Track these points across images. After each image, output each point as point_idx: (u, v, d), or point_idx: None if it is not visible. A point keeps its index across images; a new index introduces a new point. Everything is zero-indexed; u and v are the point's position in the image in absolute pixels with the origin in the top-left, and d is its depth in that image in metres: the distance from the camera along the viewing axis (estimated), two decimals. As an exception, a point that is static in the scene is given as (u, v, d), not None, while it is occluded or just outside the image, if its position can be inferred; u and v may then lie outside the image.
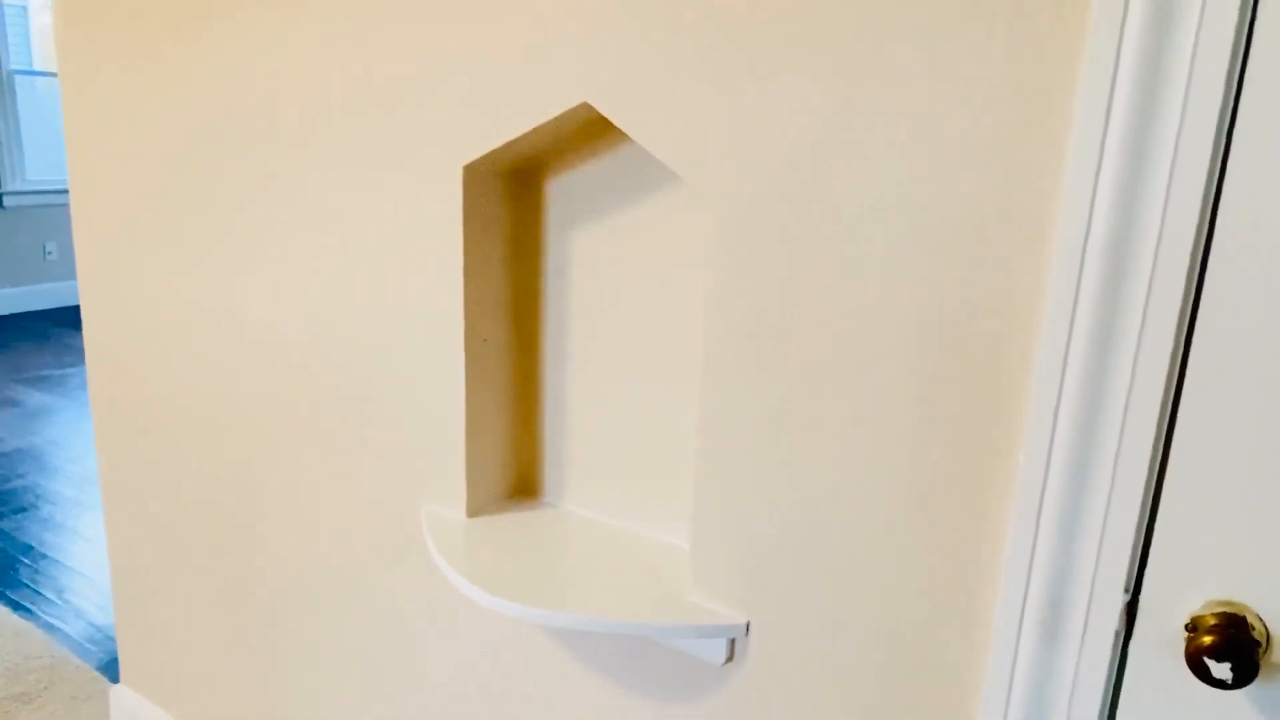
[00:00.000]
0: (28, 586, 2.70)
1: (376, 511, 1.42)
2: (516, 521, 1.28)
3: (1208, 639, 0.75)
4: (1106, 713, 0.84)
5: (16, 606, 2.58)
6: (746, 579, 1.04)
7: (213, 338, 1.59)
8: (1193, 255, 0.73)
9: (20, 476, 3.48)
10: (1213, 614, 0.76)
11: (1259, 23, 0.69)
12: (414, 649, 1.43)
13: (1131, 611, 0.81)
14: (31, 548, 2.93)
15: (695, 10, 0.95)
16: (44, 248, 6.18)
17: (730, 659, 1.08)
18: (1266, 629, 0.75)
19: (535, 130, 1.11)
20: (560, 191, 1.23)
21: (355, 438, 1.41)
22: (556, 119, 1.09)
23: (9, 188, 5.92)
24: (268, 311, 1.48)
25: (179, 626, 1.86)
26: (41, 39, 6.23)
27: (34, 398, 4.38)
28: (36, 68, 6.19)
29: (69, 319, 5.99)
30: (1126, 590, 0.81)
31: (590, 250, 1.22)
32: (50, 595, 2.65)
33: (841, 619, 0.98)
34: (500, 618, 1.30)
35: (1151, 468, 0.78)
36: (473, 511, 1.30)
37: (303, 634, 1.61)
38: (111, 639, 2.45)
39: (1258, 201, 0.71)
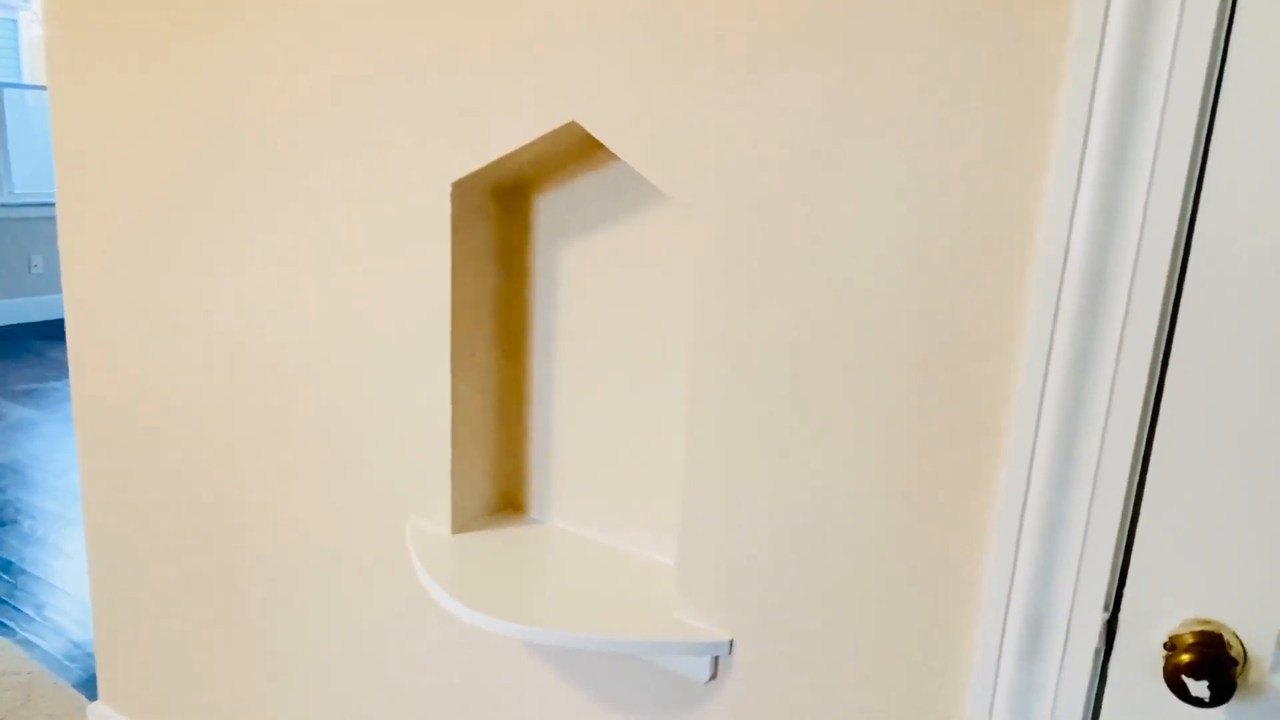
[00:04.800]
0: (5, 602, 2.67)
1: (362, 527, 1.41)
2: (502, 537, 1.28)
3: (1186, 657, 0.75)
4: (1087, 731, 0.84)
5: (-6, 622, 2.55)
6: (731, 597, 1.04)
7: (199, 352, 1.58)
8: (1169, 278, 0.74)
9: (1, 491, 3.44)
10: (1191, 632, 0.77)
11: (1232, 48, 0.70)
12: (399, 664, 1.42)
13: (1111, 629, 0.82)
14: (11, 563, 2.90)
15: (682, 30, 0.97)
16: (29, 261, 6.15)
17: (714, 677, 1.08)
18: (1243, 648, 0.76)
19: (523, 148, 1.12)
20: (549, 208, 1.24)
21: (341, 453, 1.41)
22: (544, 137, 1.10)
23: (-5, 200, 5.90)
24: (255, 327, 1.48)
25: (159, 643, 1.84)
26: (30, 53, 6.23)
27: (16, 411, 4.35)
28: (25, 81, 6.18)
29: (53, 332, 5.95)
30: (1106, 608, 0.81)
31: (578, 266, 1.22)
32: (29, 611, 2.62)
33: (825, 638, 0.99)
34: (484, 633, 1.30)
35: (1130, 487, 0.79)
36: (458, 527, 1.29)
37: (286, 649, 1.60)
38: (90, 656, 2.42)
39: (1232, 224, 0.72)
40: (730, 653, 1.06)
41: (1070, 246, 0.77)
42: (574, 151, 1.20)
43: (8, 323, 6.11)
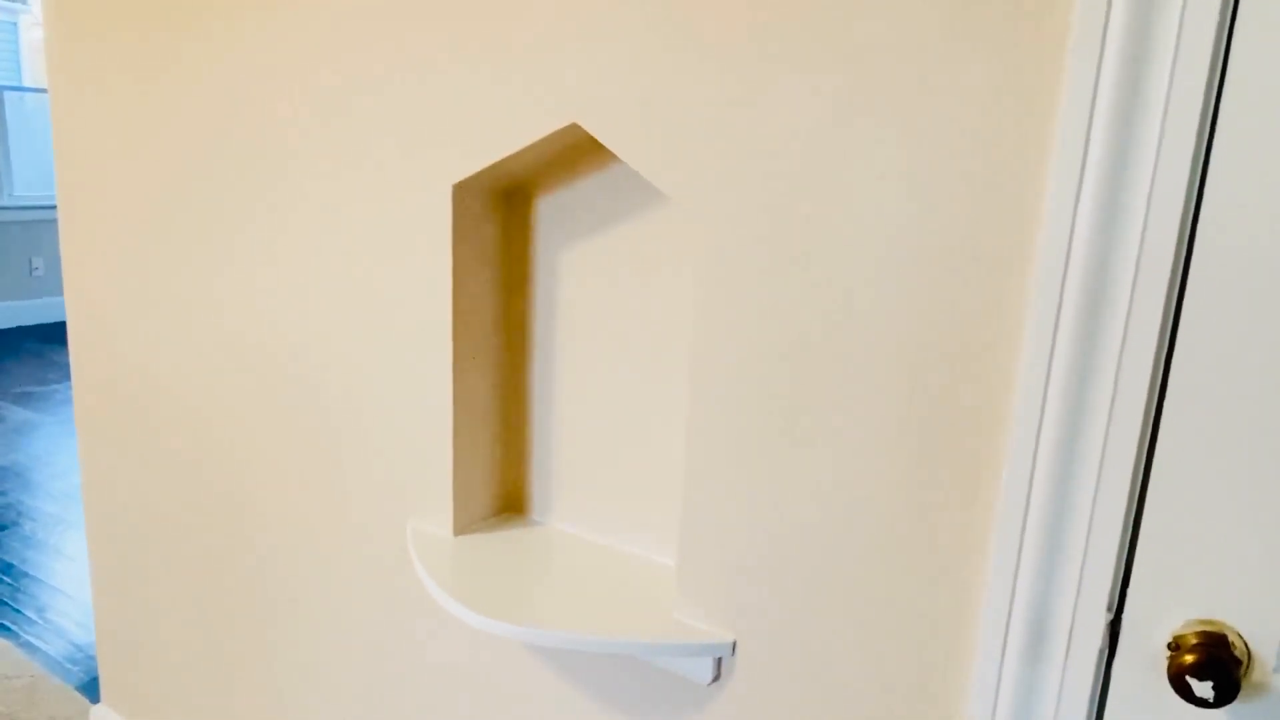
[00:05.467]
0: (7, 605, 2.67)
1: (364, 529, 1.41)
2: (503, 539, 1.28)
3: (1190, 658, 0.75)
4: (1090, 732, 0.84)
5: (-4, 625, 2.56)
6: (733, 598, 1.04)
7: (200, 354, 1.58)
8: (1171, 278, 0.74)
9: (2, 494, 3.44)
10: (1194, 633, 0.77)
11: (1234, 48, 0.70)
12: (400, 666, 1.42)
13: (1115, 630, 0.82)
14: (12, 565, 2.90)
15: (683, 32, 0.97)
16: (30, 263, 6.15)
17: (717, 678, 1.08)
18: (1247, 648, 0.76)
19: (525, 150, 1.12)
20: (550, 209, 1.24)
21: (343, 455, 1.41)
22: (545, 139, 1.10)
23: (-4, 203, 5.90)
24: (257, 329, 1.48)
25: (161, 645, 1.84)
26: (31, 56, 6.24)
27: (17, 414, 4.35)
28: (26, 84, 6.19)
29: (54, 335, 5.95)
30: (1109, 609, 0.81)
31: (579, 268, 1.22)
32: (30, 614, 2.62)
33: (828, 639, 0.99)
34: (486, 635, 1.30)
35: (1133, 488, 0.78)
36: (459, 529, 1.29)
37: (288, 651, 1.60)
38: (92, 658, 2.42)
39: (1235, 225, 0.72)
40: (733, 654, 1.05)
41: (1072, 248, 0.77)
42: (575, 153, 1.20)
43: (8, 325, 6.11)
